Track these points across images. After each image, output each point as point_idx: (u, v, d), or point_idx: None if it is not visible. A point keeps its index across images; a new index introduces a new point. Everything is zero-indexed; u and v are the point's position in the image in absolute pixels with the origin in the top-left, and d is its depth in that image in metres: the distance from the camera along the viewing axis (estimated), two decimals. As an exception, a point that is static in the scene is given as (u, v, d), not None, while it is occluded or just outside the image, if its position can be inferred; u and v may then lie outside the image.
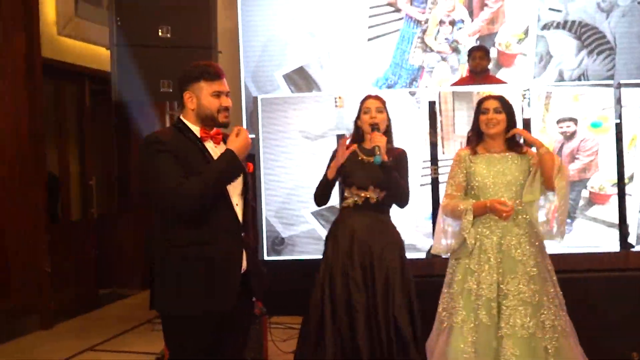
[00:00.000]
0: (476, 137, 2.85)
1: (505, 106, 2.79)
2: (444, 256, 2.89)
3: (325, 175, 2.95)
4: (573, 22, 5.48)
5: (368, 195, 2.92)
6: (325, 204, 3.07)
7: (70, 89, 5.34)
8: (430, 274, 3.41)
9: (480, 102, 2.85)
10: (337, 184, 3.09)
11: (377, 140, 2.78)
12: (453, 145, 3.81)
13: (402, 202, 2.98)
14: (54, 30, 4.89)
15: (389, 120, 3.01)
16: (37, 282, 4.62)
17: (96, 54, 5.02)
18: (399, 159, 2.97)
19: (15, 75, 4.50)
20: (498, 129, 2.77)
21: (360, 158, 2.93)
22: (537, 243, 2.76)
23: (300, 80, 5.67)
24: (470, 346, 2.64)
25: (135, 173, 5.87)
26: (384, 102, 3.00)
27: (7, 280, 4.38)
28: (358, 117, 3.02)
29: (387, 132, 2.99)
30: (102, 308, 5.33)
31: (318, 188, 3.00)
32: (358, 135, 3.02)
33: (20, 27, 4.53)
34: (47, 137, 4.87)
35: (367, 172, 2.88)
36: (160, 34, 4.18)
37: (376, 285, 2.84)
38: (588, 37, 5.49)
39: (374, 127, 2.88)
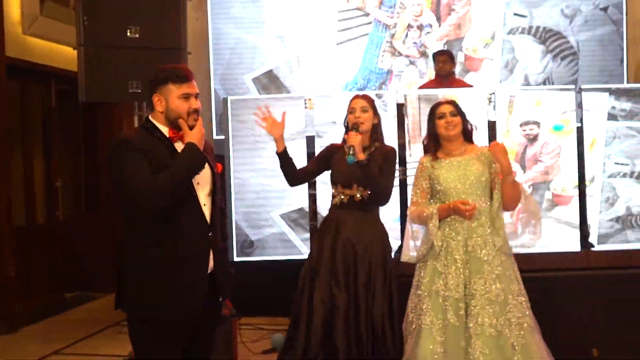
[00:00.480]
0: (434, 143, 2.92)
1: (459, 110, 2.90)
2: (413, 262, 2.92)
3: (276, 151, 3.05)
4: (538, 27, 5.64)
5: (352, 194, 2.97)
6: (292, 181, 3.15)
7: (36, 89, 5.26)
8: (403, 273, 3.47)
9: (433, 109, 2.92)
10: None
11: (351, 140, 2.81)
12: (420, 147, 3.80)
13: (381, 200, 3.01)
14: (19, 30, 4.80)
15: (377, 119, 3.06)
16: (1, 287, 4.54)
17: (63, 53, 4.93)
18: (385, 156, 3.02)
19: (-22, 75, 4.43)
20: (457, 130, 2.85)
21: (345, 157, 2.93)
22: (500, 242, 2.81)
23: (270, 83, 5.71)
24: (440, 346, 2.68)
25: (104, 174, 5.80)
26: (370, 102, 3.05)
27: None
28: (346, 117, 3.08)
29: (375, 131, 3.04)
30: (69, 311, 5.26)
31: (281, 168, 3.10)
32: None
33: (-17, 26, 4.46)
34: (11, 139, 4.80)
35: (350, 171, 2.91)
36: (128, 34, 4.13)
37: (358, 283, 2.88)
38: (552, 42, 5.65)
39: (354, 127, 2.91)
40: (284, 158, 3.05)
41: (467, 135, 2.91)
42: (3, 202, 4.57)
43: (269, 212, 4.06)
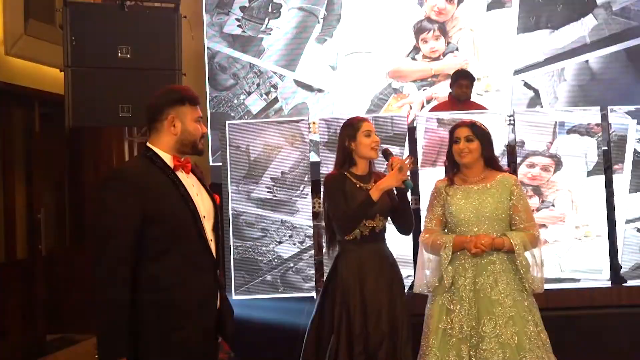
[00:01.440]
0: (452, 167, 2.78)
1: (478, 133, 2.69)
2: (426, 293, 2.79)
3: (369, 197, 2.68)
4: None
5: (374, 225, 2.77)
6: (355, 230, 2.80)
7: (18, 113, 5.11)
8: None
9: (452, 130, 2.77)
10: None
11: (406, 167, 2.70)
12: (431, 173, 3.85)
13: (411, 226, 2.91)
14: (1, 50, 4.69)
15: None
16: (-25, 328, 4.28)
17: (48, 75, 4.83)
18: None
19: (-44, 98, 4.24)
20: (471, 158, 2.68)
21: (358, 186, 2.77)
22: (515, 282, 2.65)
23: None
24: None
25: (89, 205, 5.60)
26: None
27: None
28: (350, 140, 2.81)
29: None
30: (50, 355, 5.02)
31: (356, 210, 2.72)
32: (349, 160, 2.83)
33: (-37, 46, 4.30)
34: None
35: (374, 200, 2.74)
36: (119, 54, 4.15)
37: (390, 322, 2.75)
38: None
39: (387, 151, 2.84)
40: (373, 209, 2.75)
41: (488, 160, 2.72)
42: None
43: (269, 245, 3.98)
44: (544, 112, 4.10)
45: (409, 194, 2.90)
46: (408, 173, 2.70)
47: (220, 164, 4.14)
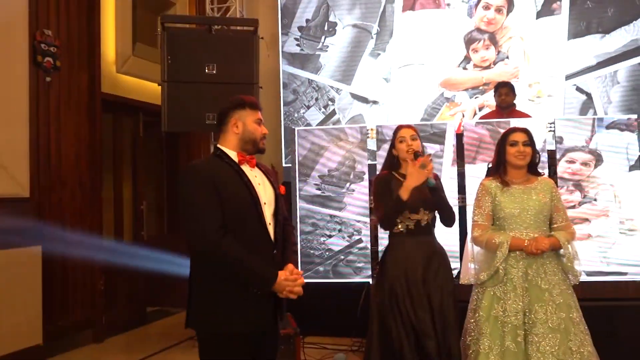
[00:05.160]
0: (500, 169, 2.82)
1: (531, 140, 2.79)
2: (472, 283, 2.83)
3: (399, 196, 2.75)
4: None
5: (419, 218, 2.84)
6: (393, 227, 2.88)
7: (126, 121, 5.50)
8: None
9: (507, 134, 2.82)
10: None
11: (430, 166, 2.75)
12: (472, 172, 3.81)
13: (452, 220, 2.91)
14: (114, 69, 5.08)
15: (422, 147, 2.99)
16: (92, 299, 4.73)
17: (149, 89, 5.16)
18: (438, 182, 2.95)
19: (79, 109, 4.69)
20: (526, 161, 2.77)
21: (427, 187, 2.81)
22: (560, 273, 2.71)
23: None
24: None
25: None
26: (416, 131, 2.99)
27: (66, 297, 4.50)
28: (393, 146, 2.99)
29: (417, 157, 2.92)
30: (149, 325, 5.38)
31: (389, 210, 2.81)
32: (393, 163, 2.98)
33: (85, 65, 4.74)
34: (104, 165, 5.03)
35: (417, 195, 2.77)
36: (206, 70, 4.35)
37: (434, 310, 2.75)
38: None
39: (417, 153, 2.83)
40: (403, 207, 2.82)
41: (532, 166, 2.81)
42: (95, 222, 4.77)
43: (334, 235, 4.04)
44: (587, 122, 3.78)
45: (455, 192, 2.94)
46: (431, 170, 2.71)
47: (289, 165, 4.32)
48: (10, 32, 3.83)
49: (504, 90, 4.66)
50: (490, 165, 2.92)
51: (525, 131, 2.80)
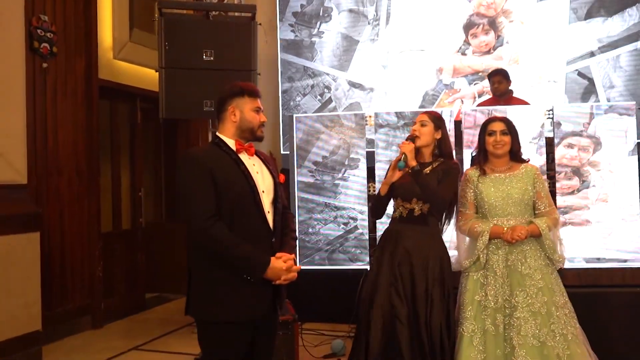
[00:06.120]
0: (482, 157, 2.87)
1: (510, 128, 2.82)
2: (460, 269, 2.87)
3: (379, 190, 2.92)
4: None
5: (411, 207, 2.86)
6: (380, 217, 3.10)
7: (123, 108, 5.46)
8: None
9: (486, 124, 2.87)
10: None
11: (403, 148, 2.78)
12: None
13: (435, 207, 2.82)
14: (110, 55, 5.02)
15: (440, 134, 2.90)
16: (90, 286, 4.73)
17: (147, 75, 5.11)
18: (447, 171, 2.84)
19: (76, 96, 4.65)
20: (504, 150, 2.81)
21: (408, 171, 2.82)
22: (542, 258, 2.74)
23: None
24: (480, 354, 2.66)
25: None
26: (432, 117, 2.92)
27: (65, 284, 4.50)
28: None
29: (438, 146, 2.91)
30: (148, 311, 5.39)
31: (373, 202, 3.03)
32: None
33: (82, 52, 4.69)
34: (101, 151, 4.99)
35: (411, 185, 2.80)
36: (204, 57, 4.28)
37: (417, 295, 2.75)
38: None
39: (410, 137, 2.87)
40: (383, 200, 2.92)
41: (513, 154, 2.84)
42: (93, 209, 4.76)
43: (329, 223, 4.03)
44: (585, 109, 3.73)
45: None
46: (402, 157, 2.74)
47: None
48: (6, 17, 3.77)
49: (497, 79, 4.59)
50: (474, 154, 2.92)
51: (504, 120, 2.85)
